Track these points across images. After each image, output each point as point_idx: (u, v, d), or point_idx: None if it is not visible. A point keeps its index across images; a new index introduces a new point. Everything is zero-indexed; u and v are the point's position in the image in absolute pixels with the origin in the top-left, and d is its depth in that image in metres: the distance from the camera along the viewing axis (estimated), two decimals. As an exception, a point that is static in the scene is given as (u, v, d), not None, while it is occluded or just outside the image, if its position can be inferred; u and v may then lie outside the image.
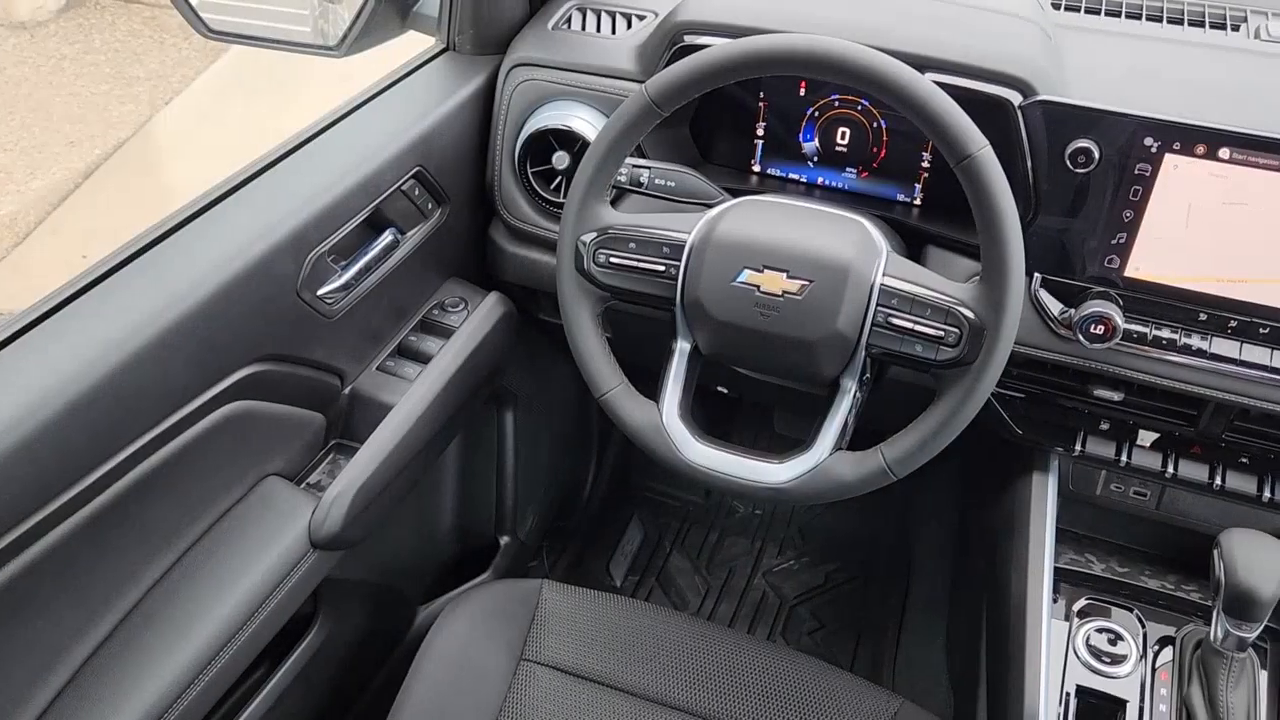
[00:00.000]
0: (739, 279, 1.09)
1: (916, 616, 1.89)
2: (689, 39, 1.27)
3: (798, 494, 1.11)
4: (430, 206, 1.37)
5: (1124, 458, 1.29)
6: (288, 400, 1.21)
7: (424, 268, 1.40)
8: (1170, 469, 1.28)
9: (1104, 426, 1.31)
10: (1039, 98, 1.14)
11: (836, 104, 1.35)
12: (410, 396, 1.29)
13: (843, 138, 1.36)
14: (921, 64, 1.16)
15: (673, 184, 1.23)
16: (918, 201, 1.35)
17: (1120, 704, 1.18)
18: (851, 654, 1.94)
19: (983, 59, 1.16)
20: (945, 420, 1.05)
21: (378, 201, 1.27)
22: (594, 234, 1.15)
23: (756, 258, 1.09)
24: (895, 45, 1.15)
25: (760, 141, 1.40)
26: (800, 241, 1.09)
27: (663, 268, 1.13)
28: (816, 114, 1.36)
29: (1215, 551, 1.11)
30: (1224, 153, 1.08)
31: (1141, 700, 1.18)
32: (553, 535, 2.07)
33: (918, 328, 1.05)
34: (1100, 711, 1.18)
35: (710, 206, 1.18)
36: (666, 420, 1.15)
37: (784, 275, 1.08)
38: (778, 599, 2.08)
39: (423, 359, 1.36)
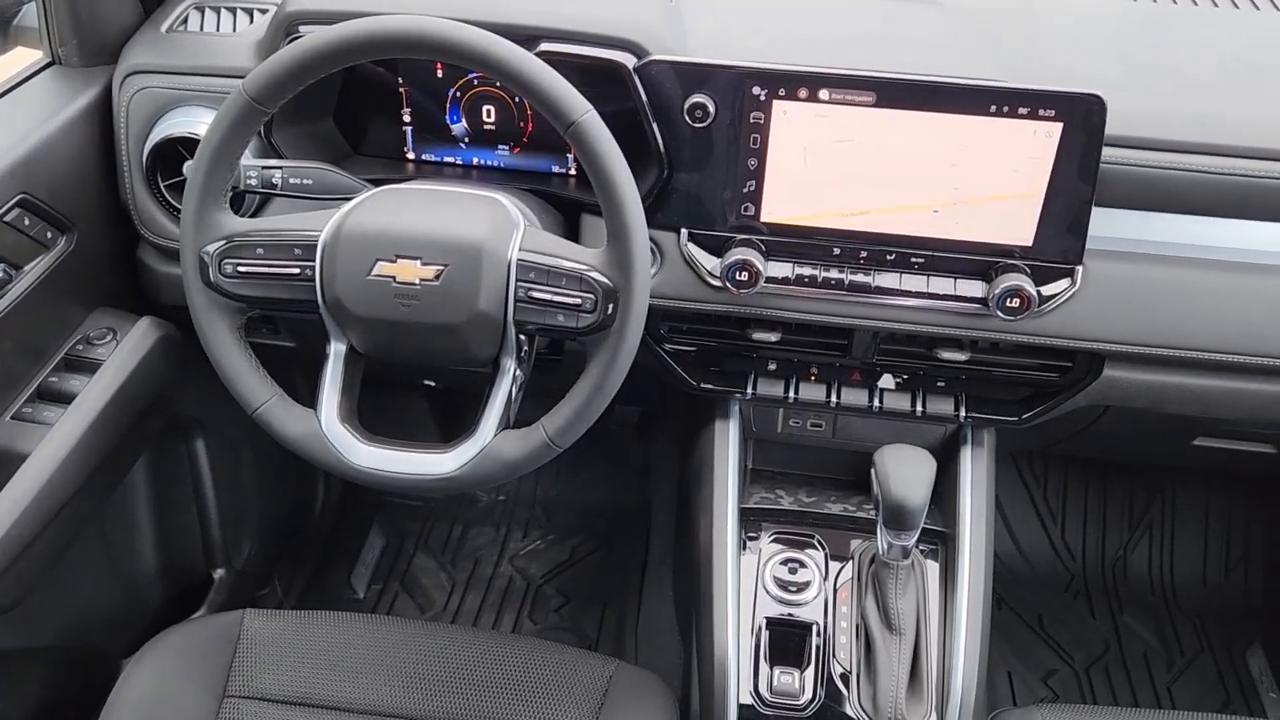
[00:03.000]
0: (374, 272, 1.06)
1: (655, 577, 1.94)
2: (304, 30, 1.22)
3: (468, 480, 1.09)
4: (50, 235, 1.26)
5: (792, 394, 1.35)
6: None
7: (58, 301, 1.29)
8: (834, 398, 1.35)
9: (771, 367, 1.36)
10: (652, 58, 1.16)
11: (476, 82, 1.33)
12: (49, 442, 1.19)
13: (489, 116, 1.35)
14: (533, 34, 1.16)
15: (309, 181, 1.18)
16: (572, 172, 1.36)
17: (807, 627, 1.24)
18: (598, 623, 1.96)
19: (594, 24, 1.17)
20: (597, 385, 1.07)
21: None
22: (218, 243, 1.09)
23: (388, 248, 1.06)
24: (505, 18, 1.15)
25: (409, 128, 1.37)
26: (430, 227, 1.07)
27: (297, 270, 1.09)
28: (459, 94, 1.34)
29: (872, 469, 1.18)
30: (824, 94, 1.14)
31: (825, 620, 1.24)
32: (284, 559, 1.98)
33: (557, 298, 1.06)
34: (790, 638, 1.24)
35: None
36: (327, 427, 1.11)
37: (418, 263, 1.05)
38: (525, 581, 2.07)
39: (68, 399, 1.26)
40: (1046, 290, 1.20)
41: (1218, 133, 1.17)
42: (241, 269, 1.08)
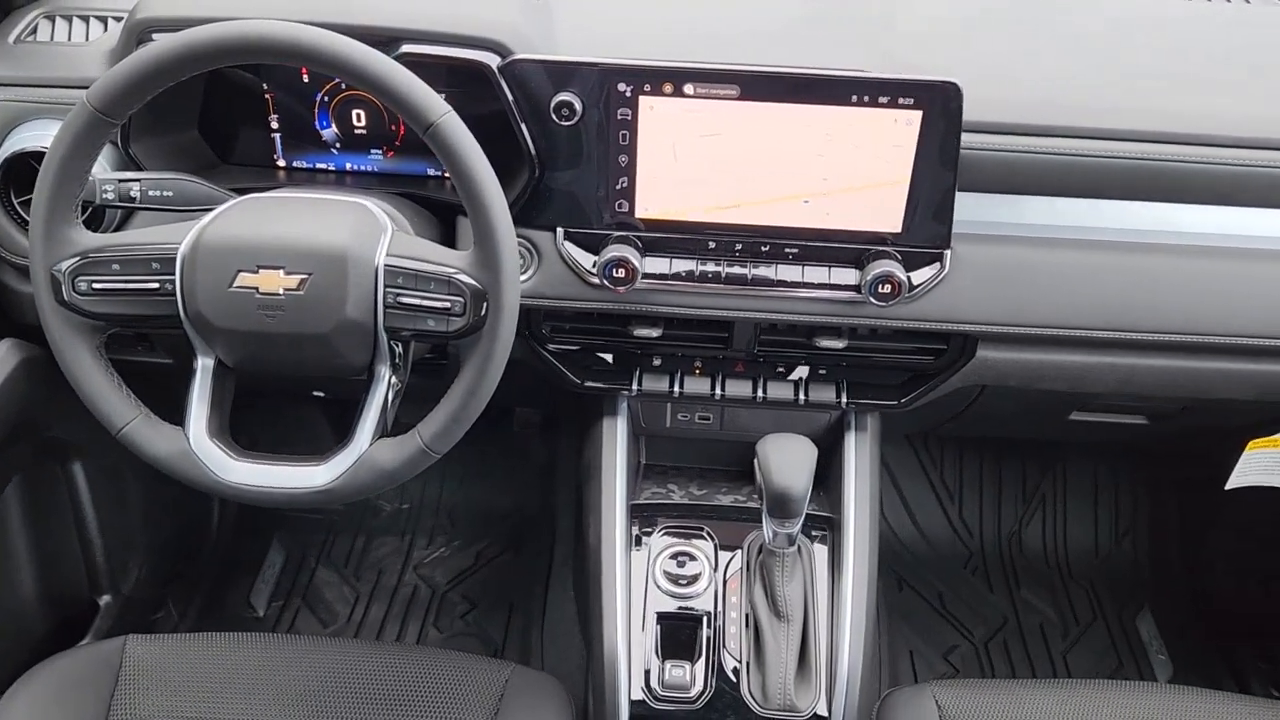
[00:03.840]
0: (235, 284, 1.03)
1: (560, 578, 1.93)
2: (158, 37, 1.19)
3: (345, 491, 1.08)
4: None
5: (677, 388, 1.36)
6: None
7: None
8: (719, 391, 1.36)
9: (656, 362, 1.37)
10: (515, 57, 1.15)
11: (344, 87, 1.31)
12: None
13: (360, 120, 1.33)
14: (393, 36, 1.15)
15: (170, 193, 1.15)
16: (447, 174, 1.34)
17: (698, 620, 1.25)
18: (504, 627, 1.95)
19: (456, 25, 1.16)
20: (471, 389, 1.06)
21: None
22: (70, 261, 1.05)
23: (249, 258, 1.03)
24: (363, 20, 1.13)
25: (278, 135, 1.34)
26: (293, 235, 1.04)
27: (156, 285, 1.06)
28: (327, 99, 1.32)
29: (755, 460, 1.19)
30: (689, 89, 1.14)
31: (716, 611, 1.25)
32: (177, 581, 1.93)
33: (426, 303, 1.04)
34: (682, 631, 1.24)
35: None
36: (196, 444, 1.08)
37: (281, 272, 1.03)
38: (430, 589, 2.05)
39: None
40: (917, 275, 1.22)
41: (1072, 116, 1.20)
42: (97, 286, 1.05)
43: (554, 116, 1.16)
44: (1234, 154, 1.19)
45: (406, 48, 1.15)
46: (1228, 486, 1.48)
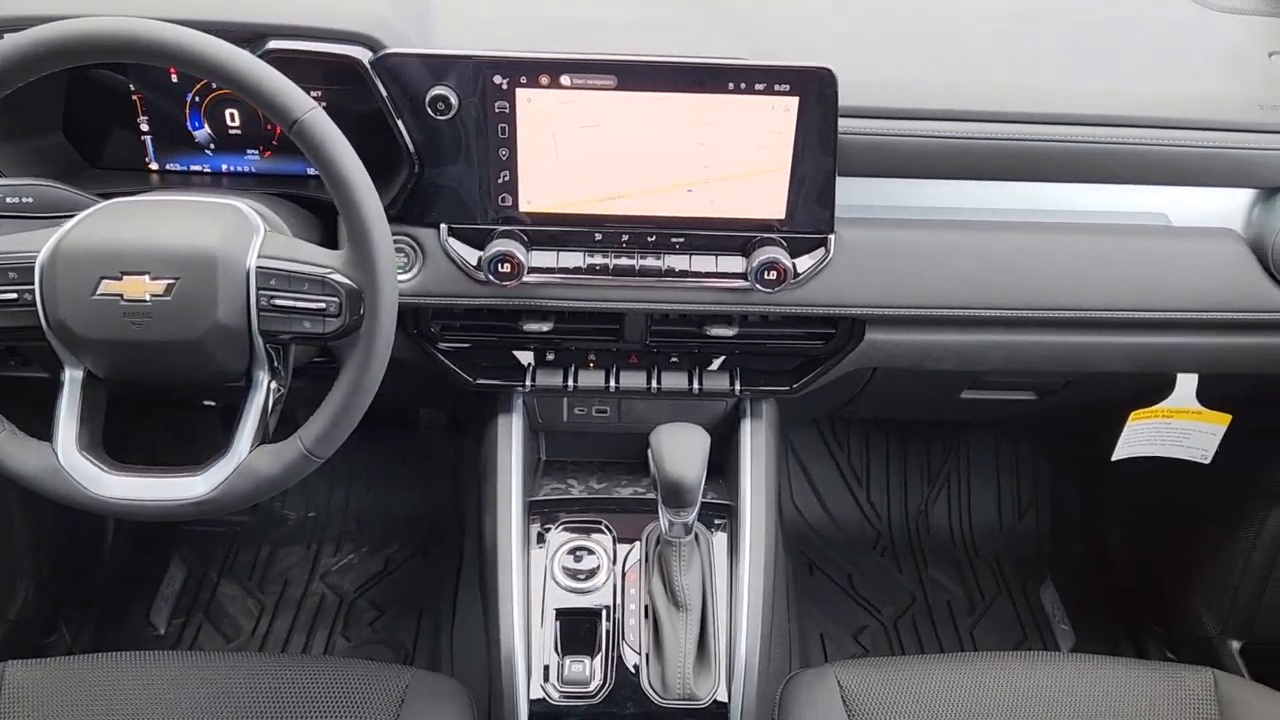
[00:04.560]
0: (99, 291, 0.99)
1: (469, 579, 1.91)
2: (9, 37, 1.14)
3: (225, 501, 1.05)
4: None
5: (571, 382, 1.35)
6: None
7: None
8: (614, 383, 1.35)
9: (549, 357, 1.36)
10: (387, 51, 1.13)
11: (215, 86, 1.27)
12: None
13: (234, 120, 1.29)
14: (259, 33, 1.12)
15: (29, 199, 1.10)
16: (323, 172, 1.32)
17: (597, 614, 1.24)
18: (414, 632, 1.92)
19: (325, 19, 1.13)
20: (352, 391, 1.04)
21: None
22: None
23: (112, 264, 1.00)
24: (227, 16, 1.10)
25: (149, 136, 1.30)
26: (158, 238, 1.01)
27: (14, 295, 1.01)
28: (198, 99, 1.28)
29: (648, 450, 1.19)
30: (566, 79, 1.13)
31: (615, 605, 1.25)
32: (70, 602, 1.86)
33: (300, 304, 1.02)
34: (581, 626, 1.24)
35: None
36: (65, 459, 1.04)
37: (146, 278, 1.00)
38: (337, 598, 2.01)
39: None
40: (802, 261, 1.23)
41: (946, 99, 1.22)
42: None
43: (430, 111, 1.14)
44: (1101, 132, 1.22)
45: (273, 44, 1.12)
46: (1114, 458, 1.52)
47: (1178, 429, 1.48)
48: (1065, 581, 2.11)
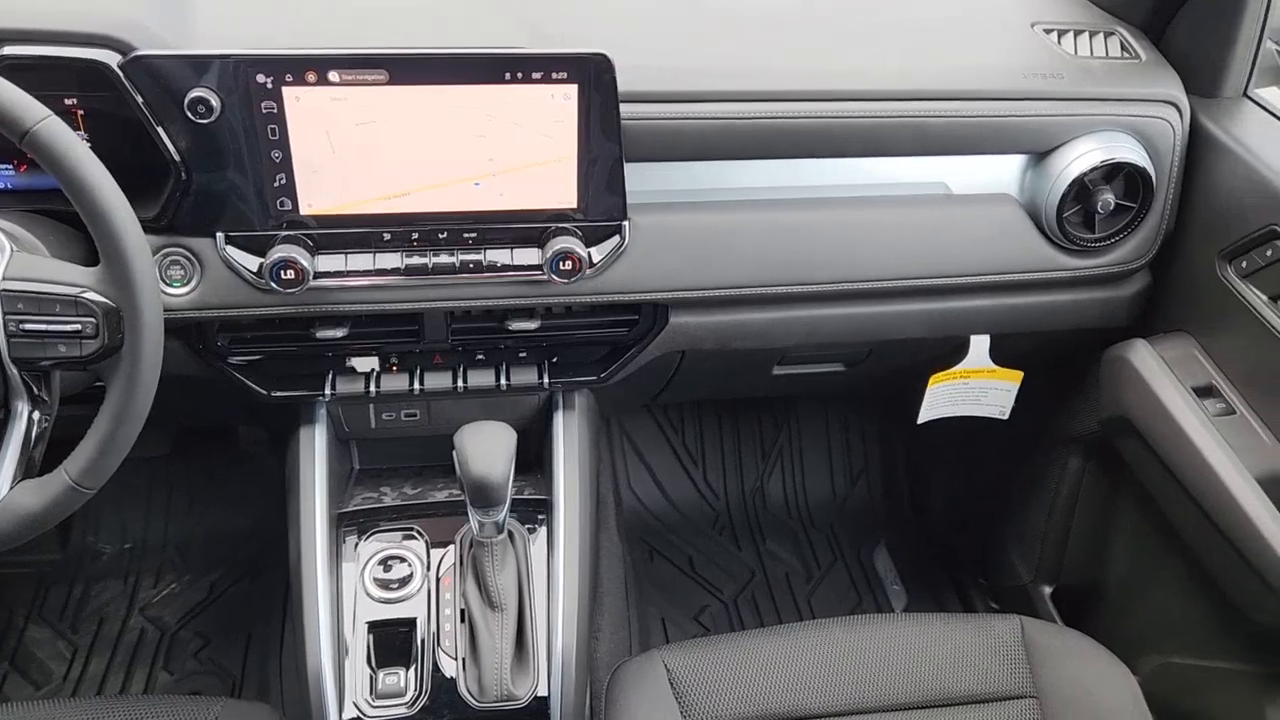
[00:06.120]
0: None
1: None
2: None
3: None
4: None
5: (374, 388, 1.31)
6: None
7: None
8: (418, 385, 1.32)
9: (350, 364, 1.31)
10: (137, 54, 1.07)
11: (-45, 97, 1.18)
12: None
13: (-19, 133, 1.20)
14: (-4, 38, 1.04)
15: None
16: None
17: (411, 623, 1.21)
18: (242, 659, 1.84)
19: (64, 21, 1.06)
20: (118, 416, 0.97)
21: None
22: None
23: None
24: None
25: (-117, 155, 1.19)
26: None
27: None
28: (-61, 112, 1.18)
29: (452, 451, 1.16)
30: (334, 76, 1.09)
31: (429, 612, 1.22)
32: None
33: (53, 327, 0.95)
34: (395, 637, 1.20)
35: None
36: None
37: None
38: (158, 631, 1.91)
39: None
40: (598, 250, 1.22)
41: (725, 81, 1.23)
42: None
43: (191, 115, 1.08)
44: (880, 106, 1.25)
45: (7, 50, 1.04)
46: (919, 421, 1.57)
47: (975, 388, 1.53)
48: (896, 544, 2.18)
